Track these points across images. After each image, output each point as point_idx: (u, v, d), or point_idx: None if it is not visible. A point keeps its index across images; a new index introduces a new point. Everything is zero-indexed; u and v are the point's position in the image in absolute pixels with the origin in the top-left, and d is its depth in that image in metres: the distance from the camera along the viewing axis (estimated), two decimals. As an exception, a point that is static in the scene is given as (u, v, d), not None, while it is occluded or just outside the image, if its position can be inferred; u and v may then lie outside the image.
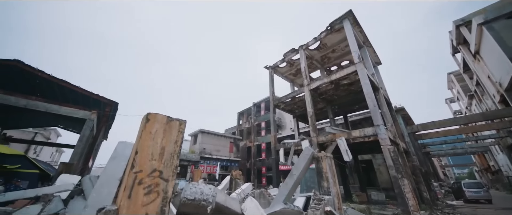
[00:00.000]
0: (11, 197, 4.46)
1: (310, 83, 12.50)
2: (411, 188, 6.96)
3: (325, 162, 4.13)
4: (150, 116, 1.80)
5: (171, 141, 1.84)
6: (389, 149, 7.62)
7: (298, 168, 4.18)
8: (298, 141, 11.77)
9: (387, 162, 8.23)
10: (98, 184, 3.59)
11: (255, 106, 31.86)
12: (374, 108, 9.38)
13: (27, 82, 11.27)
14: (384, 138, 8.72)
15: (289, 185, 4.13)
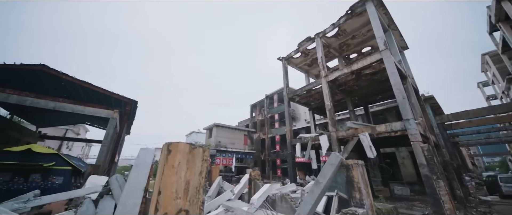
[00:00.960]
0: (46, 201, 4.70)
1: (328, 75, 11.70)
2: (448, 191, 6.32)
3: (357, 170, 3.73)
4: (171, 147, 1.54)
5: (195, 173, 1.58)
6: (423, 148, 6.92)
7: (325, 176, 3.84)
8: (315, 136, 11.30)
9: (418, 159, 7.55)
10: (124, 195, 3.57)
11: (267, 99, 31.39)
12: (403, 100, 8.53)
13: (53, 84, 11.85)
14: (415, 133, 7.96)
15: (315, 194, 3.83)
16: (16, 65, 9.80)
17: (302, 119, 28.12)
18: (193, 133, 41.62)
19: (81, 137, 35.73)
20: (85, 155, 38.46)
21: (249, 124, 34.17)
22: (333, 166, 3.82)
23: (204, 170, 1.63)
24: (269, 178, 25.66)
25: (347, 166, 3.79)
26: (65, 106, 10.36)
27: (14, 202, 4.32)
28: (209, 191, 7.61)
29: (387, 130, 8.81)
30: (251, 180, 6.04)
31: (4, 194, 8.16)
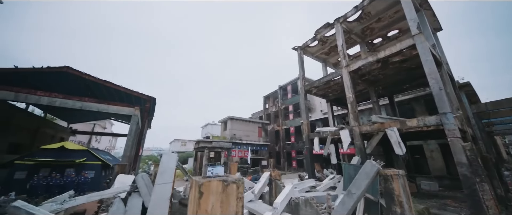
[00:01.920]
0: (80, 201, 4.96)
1: (350, 64, 10.80)
2: (493, 195, 5.62)
3: (398, 182, 3.31)
4: (203, 188, 1.32)
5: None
6: (465, 147, 6.14)
7: (359, 187, 3.49)
8: (335, 130, 10.74)
9: (456, 158, 6.80)
10: (151, 206, 3.56)
11: (281, 90, 30.64)
12: (440, 92, 7.60)
13: (78, 84, 12.45)
14: (453, 129, 7.12)
15: (348, 206, 3.51)
16: (43, 68, 10.34)
17: (318, 110, 27.21)
18: (208, 125, 42.63)
19: (107, 129, 38.54)
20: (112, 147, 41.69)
21: (262, 115, 33.99)
22: (369, 177, 3.44)
23: (240, 210, 1.40)
24: (284, 169, 25.74)
25: (386, 176, 3.38)
26: (91, 105, 10.91)
27: (52, 204, 4.61)
28: (229, 189, 7.68)
29: (419, 125, 8.01)
30: (272, 180, 5.87)
31: (45, 188, 9.02)
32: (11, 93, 9.40)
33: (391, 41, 14.26)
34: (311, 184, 10.30)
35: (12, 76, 10.49)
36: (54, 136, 17.59)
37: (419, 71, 10.95)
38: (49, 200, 4.89)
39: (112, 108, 11.67)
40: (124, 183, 6.30)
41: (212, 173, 16.11)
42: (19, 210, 3.85)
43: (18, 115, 12.71)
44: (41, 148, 10.48)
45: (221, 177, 1.65)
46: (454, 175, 13.68)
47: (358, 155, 9.21)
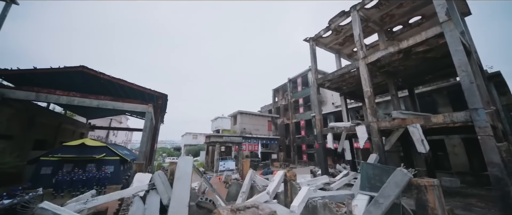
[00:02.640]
0: (102, 201, 5.14)
1: (368, 56, 10.12)
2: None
3: (433, 193, 3.01)
4: None
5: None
6: (500, 148, 5.60)
7: (388, 197, 3.24)
8: (351, 126, 10.31)
9: (488, 157, 6.25)
10: (171, 213, 3.55)
11: (290, 82, 29.97)
12: (470, 85, 6.92)
13: (94, 82, 12.79)
14: (484, 126, 6.51)
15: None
16: (60, 68, 10.64)
17: (329, 103, 26.42)
18: (218, 118, 43.08)
19: (123, 123, 40.26)
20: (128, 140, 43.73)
21: (272, 109, 33.69)
22: (399, 186, 3.17)
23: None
24: (295, 163, 25.68)
25: (419, 186, 3.09)
26: (107, 103, 11.23)
27: (76, 203, 4.81)
28: (243, 186, 7.66)
29: (446, 121, 7.42)
30: (287, 181, 5.73)
31: (69, 183, 9.56)
32: (32, 94, 9.83)
33: (413, 29, 13.18)
34: (324, 181, 10.11)
35: (32, 77, 10.93)
36: (74, 131, 18.54)
37: (444, 61, 10.07)
38: (73, 200, 5.11)
39: (127, 105, 11.98)
40: (142, 181, 6.47)
41: (224, 167, 16.41)
42: (46, 211, 4.01)
43: (41, 113, 13.41)
44: (63, 145, 11.04)
45: (252, 208, 1.49)
46: (477, 171, 12.88)
47: (376, 152, 8.81)
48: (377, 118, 9.40)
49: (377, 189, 6.75)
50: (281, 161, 25.18)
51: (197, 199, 5.48)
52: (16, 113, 11.20)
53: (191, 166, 4.15)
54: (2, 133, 10.35)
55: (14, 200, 6.55)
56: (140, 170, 6.96)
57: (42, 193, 7.94)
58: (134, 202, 5.38)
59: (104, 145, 11.80)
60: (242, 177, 8.85)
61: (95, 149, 11.25)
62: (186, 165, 3.88)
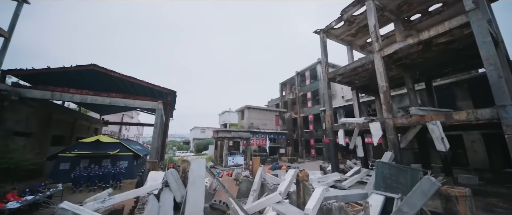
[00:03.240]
0: (118, 200, 5.28)
1: (384, 48, 9.55)
2: None
3: (464, 204, 2.78)
4: None
5: None
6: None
7: (413, 206, 3.04)
8: (364, 122, 9.95)
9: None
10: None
11: (298, 76, 29.33)
12: (499, 80, 6.38)
13: (105, 80, 13.02)
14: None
15: (398, 223, 3.11)
16: (72, 67, 10.85)
17: (339, 96, 25.74)
18: (225, 112, 43.28)
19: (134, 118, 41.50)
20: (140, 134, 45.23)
21: (279, 103, 33.36)
22: (426, 196, 2.96)
23: None
24: (303, 157, 25.60)
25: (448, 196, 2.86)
26: (118, 101, 11.47)
27: (94, 203, 4.95)
28: (253, 185, 7.64)
29: (469, 119, 6.94)
30: (300, 181, 5.62)
31: (86, 179, 9.96)
32: (47, 93, 10.12)
33: (432, 17, 12.26)
34: (335, 178, 9.96)
35: (46, 76, 11.24)
36: (89, 127, 19.25)
37: (468, 52, 9.35)
38: (91, 198, 5.27)
39: (138, 103, 12.19)
40: (156, 179, 6.60)
41: (233, 162, 16.59)
42: (66, 211, 4.14)
43: (57, 111, 13.91)
44: (79, 142, 11.47)
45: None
46: (497, 168, 12.27)
47: (391, 150, 8.49)
48: (393, 113, 8.98)
49: (393, 189, 6.53)
50: (289, 156, 25.16)
51: (210, 198, 5.51)
52: (34, 111, 11.66)
53: (205, 170, 4.12)
54: (22, 131, 10.83)
55: (37, 196, 6.88)
56: (154, 168, 7.08)
57: (62, 188, 8.32)
58: (149, 201, 5.49)
59: (118, 141, 12.15)
60: (252, 174, 8.84)
61: (109, 145, 11.61)
62: (199, 168, 3.84)
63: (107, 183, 10.15)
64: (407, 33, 13.66)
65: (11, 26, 15.16)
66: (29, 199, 6.47)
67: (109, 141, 11.97)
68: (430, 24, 13.16)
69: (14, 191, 6.65)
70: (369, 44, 15.25)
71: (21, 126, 10.68)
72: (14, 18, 14.88)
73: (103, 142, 11.55)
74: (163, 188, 6.45)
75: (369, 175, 10.01)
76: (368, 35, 13.97)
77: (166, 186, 6.57)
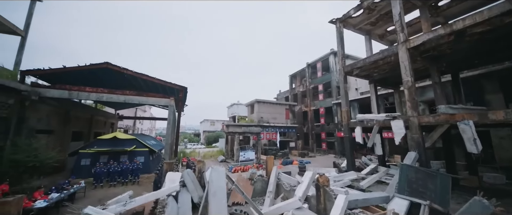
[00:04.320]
0: (139, 202, 5.35)
1: (410, 40, 8.75)
2: None
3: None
4: None
5: None
6: None
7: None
8: (385, 119, 9.40)
9: None
10: None
11: (309, 68, 28.34)
12: (553, 74, 5.58)
13: (118, 77, 13.13)
14: None
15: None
16: (86, 65, 10.95)
17: (353, 88, 24.71)
18: (234, 105, 43.32)
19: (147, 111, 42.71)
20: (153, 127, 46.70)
21: (288, 95, 32.73)
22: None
23: None
24: (313, 151, 25.33)
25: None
26: (132, 99, 11.61)
27: (116, 206, 5.03)
28: (269, 185, 7.54)
29: (508, 119, 6.26)
30: (320, 187, 5.39)
31: (106, 175, 10.34)
32: (65, 92, 10.35)
33: (463, 2, 11.04)
34: (352, 177, 9.66)
35: (62, 75, 11.46)
36: (105, 122, 19.92)
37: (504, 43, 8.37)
38: (113, 200, 5.36)
39: (151, 100, 12.32)
40: (174, 180, 6.64)
41: (244, 157, 16.66)
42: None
43: (74, 108, 14.36)
44: (98, 139, 11.84)
45: None
46: (530, 166, 11.35)
47: (414, 150, 7.99)
48: (418, 111, 8.36)
49: (419, 195, 6.16)
50: (299, 150, 24.98)
51: (231, 210, 5.44)
52: (54, 110, 12.07)
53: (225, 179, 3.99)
54: (44, 128, 11.29)
55: (62, 194, 7.18)
56: (171, 169, 7.14)
57: (84, 185, 8.67)
58: (168, 203, 5.53)
59: (134, 138, 12.43)
60: (267, 173, 8.74)
61: (126, 142, 11.91)
62: (219, 178, 3.72)
63: (126, 179, 10.51)
64: (434, 20, 12.49)
65: (26, 25, 15.43)
66: (55, 197, 6.76)
67: (125, 137, 12.26)
68: (460, 10, 11.91)
69: (41, 190, 6.97)
70: (390, 33, 14.17)
71: (42, 124, 11.12)
72: (29, 16, 15.10)
73: (120, 138, 11.85)
74: (180, 189, 6.49)
75: (388, 175, 9.61)
76: (389, 23, 12.95)
77: (183, 186, 6.62)
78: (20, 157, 7.99)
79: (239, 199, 7.12)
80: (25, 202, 5.99)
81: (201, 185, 7.11)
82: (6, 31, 14.78)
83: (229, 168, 14.78)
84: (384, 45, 15.31)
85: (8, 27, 14.36)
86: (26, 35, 15.20)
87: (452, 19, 12.46)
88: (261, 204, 7.42)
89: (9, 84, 8.45)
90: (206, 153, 24.57)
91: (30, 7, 15.50)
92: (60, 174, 11.31)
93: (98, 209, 4.55)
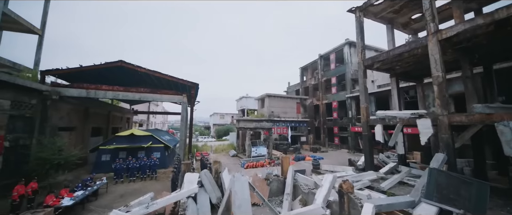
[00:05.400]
0: (161, 204, 5.42)
1: (441, 30, 7.89)
2: None
3: None
4: None
5: None
6: None
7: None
8: (410, 117, 8.78)
9: None
10: None
11: (322, 59, 27.21)
12: None
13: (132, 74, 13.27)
14: None
15: None
16: (101, 64, 11.07)
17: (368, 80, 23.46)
18: (243, 98, 43.21)
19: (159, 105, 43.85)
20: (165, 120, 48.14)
21: (299, 89, 31.94)
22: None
23: None
24: (325, 146, 24.91)
25: None
26: (147, 96, 11.79)
27: (139, 208, 5.12)
28: (286, 187, 7.40)
29: (563, 119, 5.54)
30: (344, 194, 5.13)
31: (126, 170, 10.71)
32: (83, 91, 10.60)
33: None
34: (371, 177, 9.30)
35: (79, 73, 11.71)
36: (122, 117, 20.58)
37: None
38: (135, 202, 5.47)
39: (165, 97, 12.44)
40: (191, 181, 6.67)
41: (256, 153, 16.65)
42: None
43: (92, 105, 14.82)
44: (116, 135, 12.21)
45: None
46: None
47: (443, 151, 7.43)
48: (448, 110, 7.68)
49: (450, 202, 5.74)
50: (311, 144, 24.64)
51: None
52: (73, 107, 12.50)
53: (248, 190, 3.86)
54: (66, 126, 11.77)
55: (86, 191, 7.48)
56: (188, 170, 7.19)
57: (106, 181, 9.02)
58: (189, 205, 5.56)
59: (150, 134, 12.70)
60: (282, 173, 8.60)
61: (142, 138, 12.21)
62: (243, 189, 3.59)
63: (144, 174, 10.87)
64: (466, 6, 11.22)
65: (42, 23, 15.75)
66: (80, 194, 7.05)
67: (142, 134, 12.55)
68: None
69: (67, 188, 7.30)
70: (415, 21, 13.02)
71: (64, 122, 11.59)
72: (44, 15, 15.37)
73: (136, 135, 12.15)
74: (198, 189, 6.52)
75: (412, 176, 9.14)
76: (415, 11, 11.85)
77: (200, 187, 6.64)
78: (45, 155, 8.39)
79: (255, 200, 7.07)
80: (53, 200, 6.28)
81: (218, 185, 7.11)
82: (25, 31, 15.23)
83: (241, 164, 14.85)
84: (408, 34, 14.18)
85: (26, 27, 14.73)
86: (43, 33, 15.58)
87: (487, 4, 11.16)
88: (278, 204, 7.34)
89: (31, 85, 8.72)
90: (217, 147, 24.90)
91: (45, 5, 15.68)
92: (83, 168, 11.91)
93: (122, 213, 4.63)
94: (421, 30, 14.22)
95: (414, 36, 14.28)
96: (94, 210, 7.13)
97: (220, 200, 6.71)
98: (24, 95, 8.61)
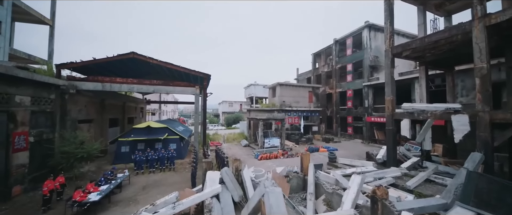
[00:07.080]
0: (186, 205, 5.42)
1: (490, 15, 6.84)
2: None
3: None
4: None
5: None
6: None
7: None
8: (443, 112, 8.08)
9: None
10: None
11: (337, 44, 25.64)
12: None
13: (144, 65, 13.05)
14: None
15: None
16: (114, 56, 10.85)
17: (386, 68, 22.07)
18: (251, 85, 42.58)
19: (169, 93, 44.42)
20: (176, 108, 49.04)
21: (311, 76, 30.78)
22: None
23: None
24: (337, 136, 24.48)
25: None
26: (160, 88, 11.70)
27: (165, 209, 5.13)
28: (308, 186, 7.21)
29: None
30: (377, 200, 4.83)
31: (145, 162, 10.95)
32: (98, 84, 10.56)
33: None
34: (395, 174, 8.94)
35: (93, 66, 11.60)
36: (136, 107, 20.92)
37: None
38: (161, 200, 5.48)
39: (178, 89, 12.26)
40: (213, 179, 6.61)
41: (269, 144, 16.57)
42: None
43: (107, 97, 14.97)
44: (133, 128, 12.40)
45: None
46: None
47: (480, 151, 6.85)
48: (491, 106, 6.93)
49: (490, 208, 5.31)
50: (323, 134, 24.26)
51: None
52: (90, 100, 12.64)
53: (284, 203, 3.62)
54: (84, 118, 12.00)
55: (111, 185, 7.68)
56: (210, 168, 7.13)
57: (128, 173, 9.26)
58: (214, 206, 5.52)
59: (165, 126, 12.82)
60: (302, 169, 8.41)
61: (159, 130, 12.36)
62: (278, 204, 3.36)
63: (163, 165, 11.11)
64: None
65: (51, 13, 15.46)
66: (105, 188, 7.25)
67: (158, 126, 12.67)
68: None
69: (92, 182, 7.51)
70: (450, 2, 11.54)
71: (82, 114, 11.80)
72: (53, 5, 15.04)
73: (153, 127, 12.29)
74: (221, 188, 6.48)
75: (439, 173, 8.67)
76: (454, -11, 10.41)
77: (221, 183, 6.60)
78: (69, 149, 8.61)
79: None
80: (80, 196, 6.47)
81: (238, 182, 7.05)
82: (36, 21, 15.08)
83: (255, 155, 14.87)
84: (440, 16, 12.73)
85: (37, 17, 14.52)
86: (54, 23, 15.39)
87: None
88: (299, 202, 7.24)
89: (49, 80, 8.70)
90: (228, 136, 25.08)
91: (52, 5, 15.28)
92: (104, 158, 12.35)
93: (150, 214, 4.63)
94: (455, 12, 12.69)
95: (447, 19, 12.80)
96: (120, 202, 7.39)
97: (242, 197, 6.67)
98: (43, 91, 8.64)
